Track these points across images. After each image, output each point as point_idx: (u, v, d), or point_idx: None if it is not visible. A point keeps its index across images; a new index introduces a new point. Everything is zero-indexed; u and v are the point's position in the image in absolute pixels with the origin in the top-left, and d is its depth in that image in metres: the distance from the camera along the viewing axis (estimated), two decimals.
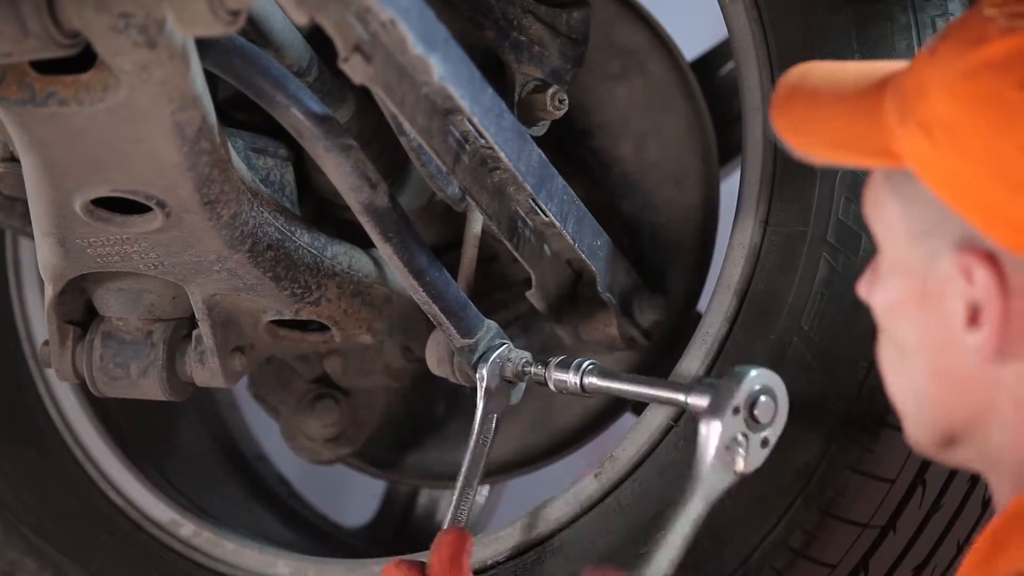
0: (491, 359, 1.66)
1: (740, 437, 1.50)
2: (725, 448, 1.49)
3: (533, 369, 1.66)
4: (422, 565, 1.55)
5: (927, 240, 1.15)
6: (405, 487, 2.30)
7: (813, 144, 1.21)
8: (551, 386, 1.65)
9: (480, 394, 1.66)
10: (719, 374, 1.64)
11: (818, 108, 1.21)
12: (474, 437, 1.64)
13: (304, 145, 1.53)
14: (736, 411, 1.49)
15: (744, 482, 1.52)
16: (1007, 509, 1.13)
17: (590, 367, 1.63)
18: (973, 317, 1.13)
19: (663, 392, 1.58)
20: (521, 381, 1.67)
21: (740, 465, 1.50)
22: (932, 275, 1.15)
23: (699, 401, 1.52)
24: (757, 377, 1.51)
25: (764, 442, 1.52)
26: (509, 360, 1.67)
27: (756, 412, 1.50)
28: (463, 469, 1.64)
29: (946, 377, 1.17)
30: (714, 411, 1.50)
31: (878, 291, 1.22)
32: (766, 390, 1.51)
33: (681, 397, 1.55)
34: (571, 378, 1.64)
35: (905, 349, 1.19)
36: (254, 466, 2.26)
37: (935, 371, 1.17)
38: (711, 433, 1.49)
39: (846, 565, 1.62)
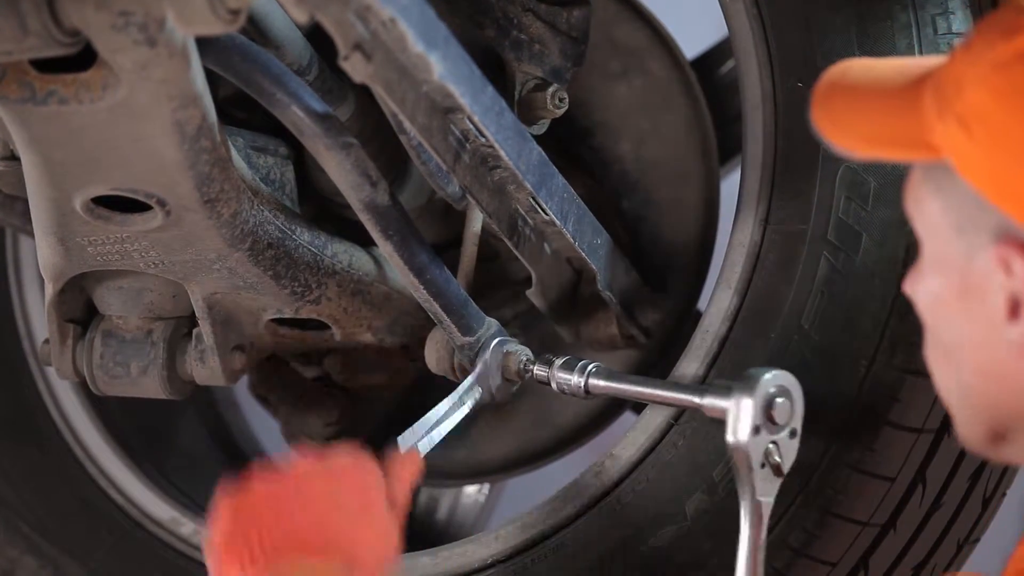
0: (493, 345, 1.65)
1: (771, 447, 1.50)
2: (761, 467, 1.50)
3: (536, 368, 1.66)
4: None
5: (966, 234, 1.15)
6: None
7: (853, 139, 1.21)
8: (554, 386, 1.65)
9: (476, 366, 1.66)
10: (719, 373, 1.64)
11: (858, 104, 1.21)
12: (455, 394, 1.64)
13: (304, 143, 1.53)
14: (757, 431, 1.50)
15: None
16: None
17: (595, 369, 1.63)
18: (1014, 309, 1.13)
19: (676, 394, 1.58)
20: (522, 379, 1.67)
21: (781, 471, 1.50)
22: (972, 269, 1.15)
23: (717, 403, 1.51)
24: (771, 380, 1.51)
25: (792, 433, 1.51)
26: (512, 353, 1.67)
27: (773, 413, 1.50)
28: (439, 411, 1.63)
29: (991, 372, 1.16)
30: (736, 438, 1.50)
31: (920, 288, 1.21)
32: (782, 391, 1.51)
33: (696, 399, 1.55)
34: (575, 379, 1.63)
35: (949, 346, 1.19)
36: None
37: (979, 367, 1.17)
38: (743, 461, 1.50)
39: (846, 564, 1.62)
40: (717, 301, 1.67)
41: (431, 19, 1.35)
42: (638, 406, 1.95)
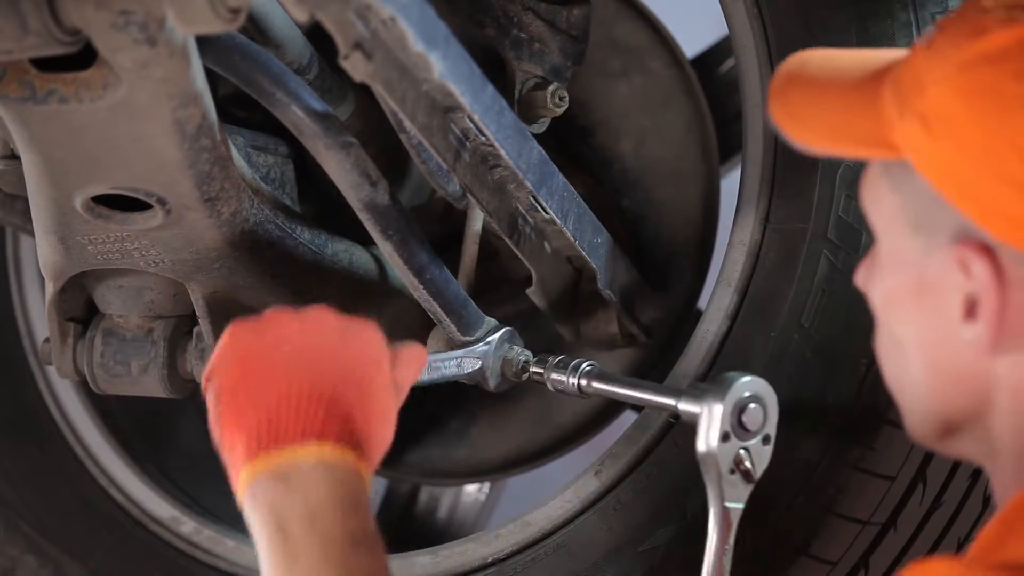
0: (497, 336, 1.66)
1: (742, 452, 1.51)
2: (730, 472, 1.50)
3: (532, 368, 1.66)
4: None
5: (924, 233, 1.15)
6: (406, 485, 2.30)
7: (811, 133, 1.21)
8: (549, 386, 1.65)
9: (477, 347, 1.67)
10: (720, 372, 1.63)
11: (816, 97, 1.21)
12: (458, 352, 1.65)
13: (304, 143, 1.53)
14: (727, 438, 1.50)
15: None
16: (1017, 498, 1.13)
17: (588, 369, 1.63)
18: (970, 310, 1.13)
19: (656, 397, 1.59)
20: (520, 380, 1.67)
21: (752, 477, 1.51)
22: (929, 268, 1.15)
23: (690, 407, 1.52)
24: (743, 386, 1.51)
25: (766, 439, 1.52)
26: (511, 352, 1.67)
27: (744, 419, 1.51)
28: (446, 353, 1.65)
29: (943, 369, 1.17)
30: (705, 446, 1.50)
31: (875, 283, 1.21)
32: (754, 398, 1.51)
33: (672, 402, 1.55)
34: (569, 379, 1.64)
35: (902, 341, 1.19)
36: None
37: (932, 363, 1.17)
38: (711, 468, 1.51)
39: (846, 562, 1.62)
40: (717, 300, 1.67)
41: (431, 18, 1.35)
42: (639, 405, 1.96)
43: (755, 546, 1.61)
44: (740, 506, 1.51)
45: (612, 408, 2.05)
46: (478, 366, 1.66)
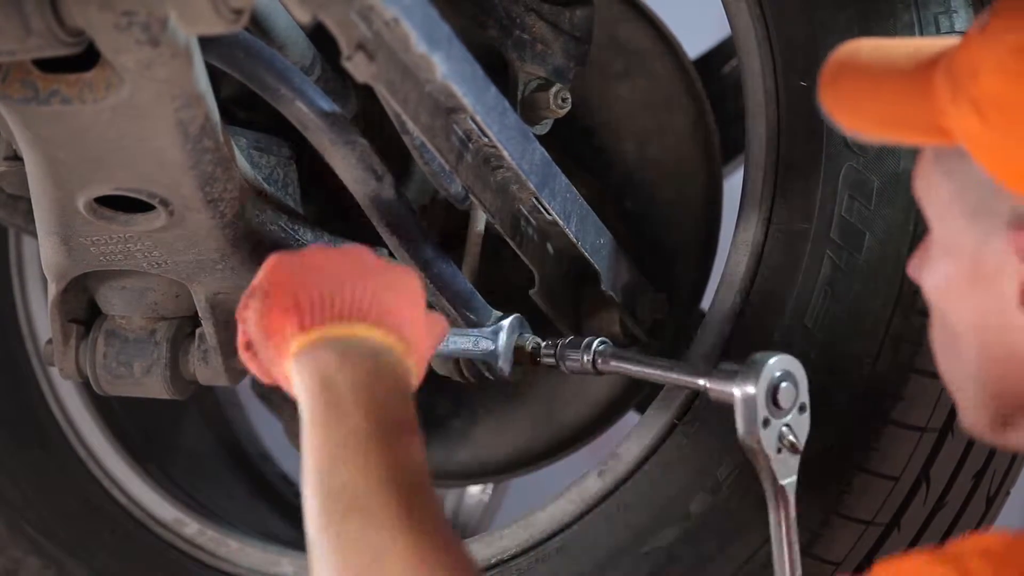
0: (507, 324, 1.65)
1: (784, 429, 1.49)
2: (776, 452, 1.49)
3: (544, 350, 1.65)
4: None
5: (979, 219, 1.14)
6: None
7: (863, 122, 1.20)
8: (563, 367, 1.64)
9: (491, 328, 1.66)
10: None
11: (868, 85, 1.20)
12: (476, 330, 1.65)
13: (309, 138, 1.53)
14: (767, 423, 1.49)
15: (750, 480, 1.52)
16: None
17: (601, 346, 1.62)
18: None
19: (678, 375, 1.57)
20: (533, 364, 1.66)
21: (799, 444, 1.50)
22: (984, 255, 1.14)
23: (721, 387, 1.51)
24: (774, 366, 1.50)
25: (802, 408, 1.51)
26: (522, 338, 1.66)
27: (779, 398, 1.50)
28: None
29: (999, 357, 1.15)
30: (747, 437, 1.49)
31: (929, 272, 1.20)
32: (785, 376, 1.50)
33: (700, 381, 1.53)
34: (583, 358, 1.63)
35: (957, 330, 1.18)
36: (258, 465, 2.26)
37: (988, 352, 1.16)
38: (759, 452, 1.49)
39: (850, 563, 1.62)
40: (720, 300, 1.67)
41: (434, 19, 1.35)
42: (642, 405, 1.95)
43: (758, 548, 1.61)
44: (793, 479, 1.50)
45: (615, 409, 2.05)
46: (492, 348, 1.65)
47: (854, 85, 1.21)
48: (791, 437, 1.49)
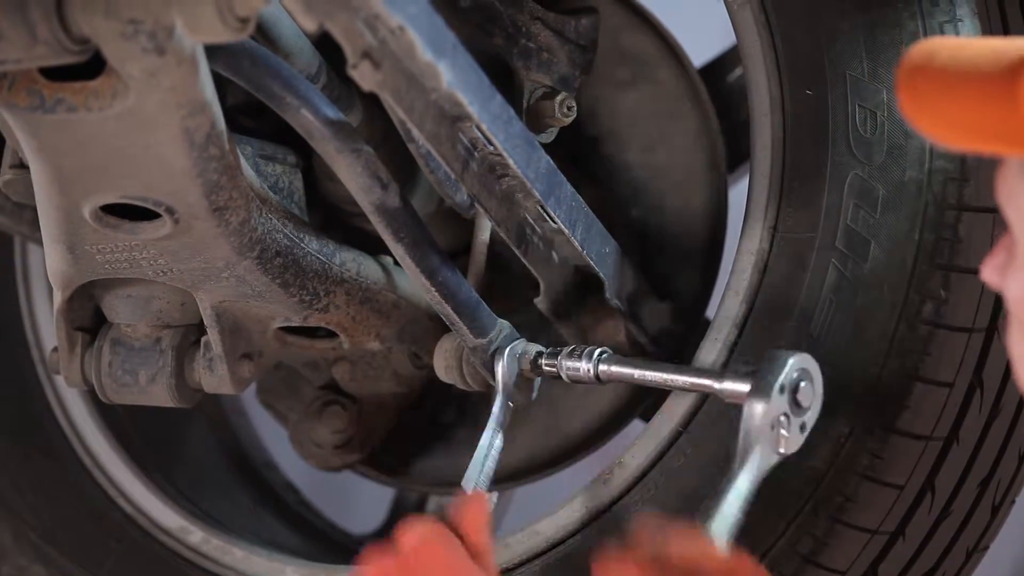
0: (507, 352, 1.65)
1: (783, 418, 1.49)
2: (770, 428, 1.48)
3: (544, 361, 1.65)
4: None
5: None
6: (414, 494, 2.30)
7: (944, 128, 1.16)
8: (564, 376, 1.64)
9: (498, 381, 1.64)
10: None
11: (948, 90, 1.16)
12: (492, 422, 1.62)
13: (315, 146, 1.53)
14: (782, 390, 1.48)
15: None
16: None
17: (604, 355, 1.62)
18: None
19: (687, 378, 1.57)
20: (535, 375, 1.66)
21: (783, 446, 1.49)
22: None
23: (736, 387, 1.50)
24: (798, 360, 1.50)
25: (802, 427, 1.50)
26: (524, 353, 1.66)
27: (799, 396, 1.49)
28: (483, 446, 1.62)
29: None
30: (758, 392, 1.47)
31: (1013, 279, 1.18)
32: (806, 375, 1.50)
33: (714, 384, 1.53)
34: (584, 366, 1.63)
35: None
36: (263, 473, 2.26)
37: None
38: (756, 413, 1.47)
39: (855, 571, 1.62)
40: (725, 309, 1.67)
41: (440, 27, 1.35)
42: (646, 414, 1.95)
43: (762, 556, 1.61)
44: (765, 469, 1.49)
45: (620, 418, 2.05)
46: (509, 409, 1.64)
47: (933, 89, 1.16)
48: (783, 433, 1.49)
